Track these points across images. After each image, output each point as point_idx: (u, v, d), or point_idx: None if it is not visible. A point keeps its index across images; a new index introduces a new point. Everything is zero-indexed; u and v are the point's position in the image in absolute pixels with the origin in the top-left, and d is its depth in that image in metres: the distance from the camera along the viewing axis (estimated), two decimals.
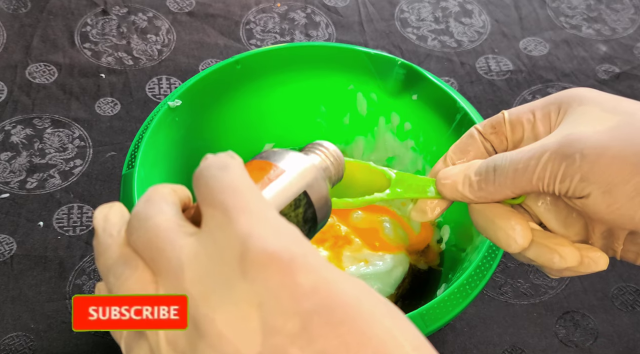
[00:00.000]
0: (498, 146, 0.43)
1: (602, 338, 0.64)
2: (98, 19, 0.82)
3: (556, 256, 0.40)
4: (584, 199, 0.38)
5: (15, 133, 0.72)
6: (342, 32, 0.85)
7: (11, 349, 0.59)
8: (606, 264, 0.40)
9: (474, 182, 0.41)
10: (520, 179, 0.39)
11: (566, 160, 0.38)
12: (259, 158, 0.38)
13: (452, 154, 0.44)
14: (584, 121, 0.39)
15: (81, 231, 0.67)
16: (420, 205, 0.44)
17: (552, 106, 0.41)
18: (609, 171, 0.37)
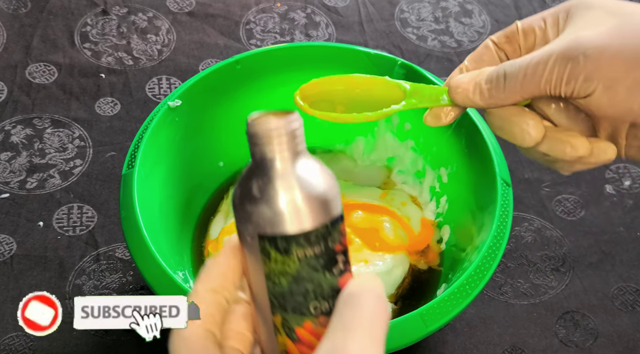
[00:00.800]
0: (511, 54, 0.46)
1: (602, 338, 0.64)
2: (98, 19, 0.82)
3: (568, 146, 0.42)
4: (588, 98, 0.40)
5: (15, 133, 0.72)
6: (342, 32, 0.85)
7: (11, 349, 0.59)
8: (614, 154, 0.43)
9: (485, 90, 0.43)
10: (529, 84, 0.41)
11: (571, 62, 0.40)
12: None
13: (467, 63, 0.46)
14: (588, 24, 0.41)
15: (81, 231, 0.67)
16: (435, 110, 0.46)
17: (561, 12, 0.44)
18: (609, 68, 0.39)
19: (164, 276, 0.51)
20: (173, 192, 0.62)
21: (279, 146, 0.35)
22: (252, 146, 0.36)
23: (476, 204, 0.60)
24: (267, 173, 0.36)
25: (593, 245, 0.69)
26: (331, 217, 0.35)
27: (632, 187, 0.74)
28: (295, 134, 0.36)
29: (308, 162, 0.36)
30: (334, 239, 0.36)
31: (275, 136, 0.35)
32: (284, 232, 0.35)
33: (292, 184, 0.35)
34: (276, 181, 0.35)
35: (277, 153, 0.35)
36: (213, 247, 0.62)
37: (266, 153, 0.35)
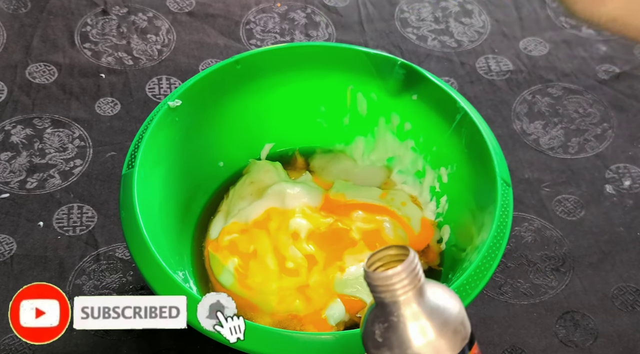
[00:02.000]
0: None
1: (602, 338, 0.64)
2: (98, 19, 0.82)
3: None
4: None
5: (15, 133, 0.72)
6: (342, 32, 0.85)
7: (11, 349, 0.59)
8: None
9: None
10: None
11: None
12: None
13: None
14: None
15: (81, 231, 0.67)
16: None
17: None
18: None
19: (164, 276, 0.51)
20: (173, 192, 0.62)
21: (400, 293, 0.35)
22: (373, 292, 0.36)
23: (476, 204, 0.60)
24: (381, 314, 0.36)
25: (593, 245, 0.69)
26: (459, 349, 0.35)
27: (632, 187, 0.74)
28: (414, 275, 0.35)
29: (428, 300, 0.35)
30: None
31: (393, 286, 0.35)
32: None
33: (408, 330, 0.35)
34: (391, 326, 0.35)
35: (392, 298, 0.35)
36: (213, 247, 0.62)
37: (382, 298, 0.35)
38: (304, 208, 0.63)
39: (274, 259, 0.60)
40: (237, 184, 0.67)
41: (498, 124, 0.77)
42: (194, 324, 0.48)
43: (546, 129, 0.77)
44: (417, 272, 0.36)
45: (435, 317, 0.35)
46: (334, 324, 0.59)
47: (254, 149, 0.70)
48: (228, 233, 0.62)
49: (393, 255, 0.36)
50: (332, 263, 0.60)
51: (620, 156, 0.76)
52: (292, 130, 0.70)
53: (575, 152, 0.76)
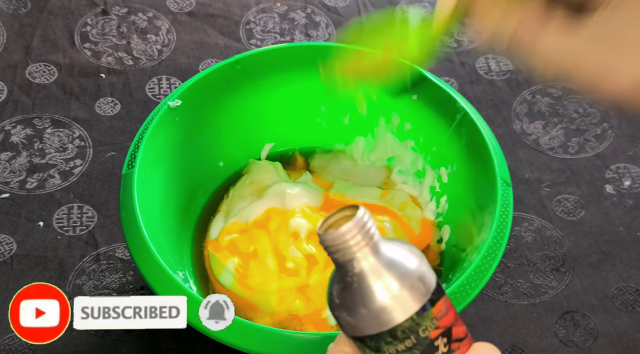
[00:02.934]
0: None
1: (602, 338, 0.64)
2: (98, 19, 0.82)
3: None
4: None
5: (15, 133, 0.72)
6: (342, 32, 0.85)
7: (11, 349, 0.59)
8: None
9: None
10: None
11: None
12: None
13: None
14: (630, 41, 0.33)
15: (81, 231, 0.67)
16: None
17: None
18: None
19: (164, 276, 0.51)
20: (173, 192, 0.62)
21: (344, 251, 0.35)
22: (329, 255, 0.36)
23: (476, 204, 0.60)
24: (338, 276, 0.36)
25: (593, 245, 0.69)
26: (416, 309, 0.34)
27: (632, 187, 0.74)
28: (364, 232, 0.35)
29: (383, 256, 0.35)
30: (425, 328, 0.35)
31: (338, 242, 0.35)
32: (367, 334, 0.35)
33: (362, 288, 0.35)
34: (346, 286, 0.35)
35: (344, 258, 0.35)
36: (213, 247, 0.62)
37: (336, 258, 0.35)
38: (304, 208, 0.63)
39: (274, 259, 0.60)
40: (237, 184, 0.67)
41: (498, 124, 0.77)
42: (194, 324, 0.48)
43: (546, 129, 0.77)
44: (368, 229, 0.35)
45: (388, 275, 0.35)
46: (334, 324, 0.59)
47: (254, 149, 0.70)
48: (228, 233, 0.62)
49: (346, 216, 0.36)
50: (332, 263, 0.60)
51: (620, 156, 0.76)
52: (292, 130, 0.70)
53: (575, 152, 0.76)
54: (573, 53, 0.33)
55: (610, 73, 0.32)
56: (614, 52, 0.32)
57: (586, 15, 0.33)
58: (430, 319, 0.35)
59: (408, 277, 0.35)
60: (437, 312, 0.35)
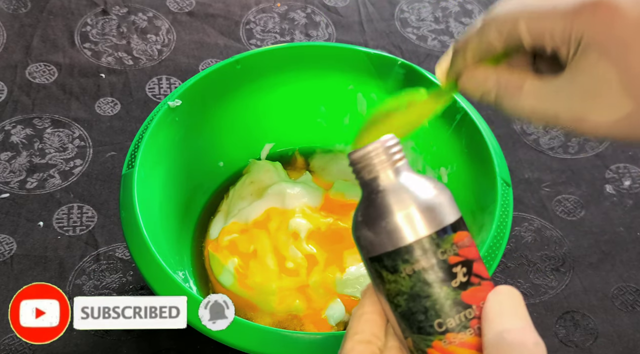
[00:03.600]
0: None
1: (602, 338, 0.64)
2: (98, 19, 0.82)
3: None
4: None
5: (15, 133, 0.72)
6: (342, 32, 0.85)
7: (11, 349, 0.59)
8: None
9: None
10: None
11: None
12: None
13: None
14: (594, 96, 0.36)
15: (81, 231, 0.67)
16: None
17: (571, 37, 0.37)
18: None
19: (164, 276, 0.51)
20: (173, 192, 0.62)
21: (370, 168, 0.36)
22: (356, 176, 0.37)
23: (476, 204, 0.60)
24: (363, 196, 0.37)
25: (593, 245, 0.69)
26: (435, 229, 0.35)
27: (632, 187, 0.74)
28: (389, 154, 0.36)
29: (407, 179, 0.36)
30: (444, 251, 0.35)
31: (364, 159, 0.36)
32: (385, 250, 0.35)
33: (384, 203, 0.36)
34: (370, 203, 0.36)
35: (370, 175, 0.36)
36: (213, 247, 0.62)
37: (362, 177, 0.37)
38: (304, 208, 0.63)
39: (274, 259, 0.60)
40: (237, 184, 0.67)
41: (498, 124, 0.77)
42: (194, 324, 0.48)
43: (546, 129, 0.77)
44: (394, 152, 0.37)
45: (410, 194, 0.35)
46: (334, 324, 0.59)
47: (254, 149, 0.70)
48: (228, 233, 0.62)
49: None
50: (332, 263, 0.60)
51: (620, 156, 0.76)
52: (292, 130, 0.70)
53: (575, 152, 0.76)
54: (550, 106, 0.37)
55: (587, 121, 0.36)
56: (586, 104, 0.36)
57: (557, 73, 0.37)
58: (451, 244, 0.35)
59: (430, 200, 0.35)
60: (459, 240, 0.35)
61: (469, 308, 0.35)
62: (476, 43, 0.40)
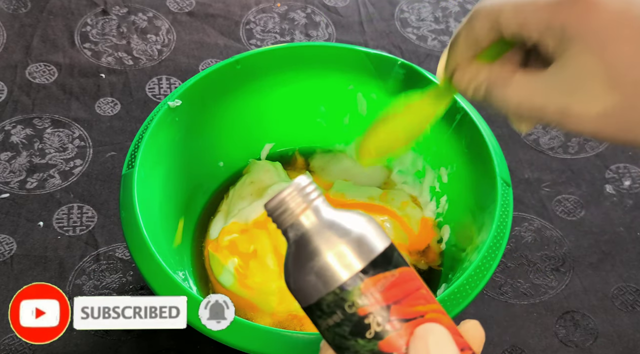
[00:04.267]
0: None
1: (602, 338, 0.64)
2: (98, 19, 0.82)
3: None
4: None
5: (15, 133, 0.72)
6: (342, 32, 0.85)
7: (11, 349, 0.59)
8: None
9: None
10: None
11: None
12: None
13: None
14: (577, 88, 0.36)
15: (81, 231, 0.67)
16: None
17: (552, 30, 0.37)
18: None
19: (164, 276, 0.51)
20: (173, 192, 0.62)
21: (282, 225, 0.35)
22: (276, 224, 0.36)
23: (476, 204, 0.60)
24: (289, 247, 0.36)
25: (593, 245, 0.69)
26: (337, 285, 0.33)
27: (632, 187, 0.74)
28: (296, 202, 0.35)
29: (315, 230, 0.35)
30: (351, 304, 0.33)
31: (277, 212, 0.35)
32: (302, 306, 0.35)
33: (295, 261, 0.35)
34: (287, 258, 0.35)
35: (283, 229, 0.36)
36: (213, 247, 0.62)
37: (281, 226, 0.36)
38: None
39: (274, 259, 0.60)
40: (237, 184, 0.67)
41: (498, 124, 0.77)
42: (194, 324, 0.48)
43: (546, 129, 0.77)
44: (307, 193, 0.35)
45: (313, 249, 0.34)
46: None
47: (254, 149, 0.70)
48: (228, 233, 0.62)
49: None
50: None
51: (620, 156, 0.76)
52: (292, 130, 0.70)
53: (575, 152, 0.76)
54: (536, 99, 0.37)
55: (572, 115, 0.36)
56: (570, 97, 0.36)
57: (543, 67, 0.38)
58: (359, 295, 0.33)
59: (333, 250, 0.34)
60: (370, 286, 0.33)
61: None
62: (464, 36, 0.40)
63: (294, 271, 0.35)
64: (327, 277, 0.34)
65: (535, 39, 0.37)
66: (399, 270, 0.34)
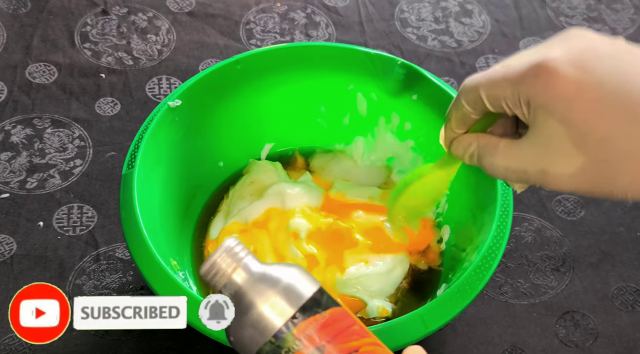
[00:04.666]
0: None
1: (602, 338, 0.64)
2: (98, 19, 0.82)
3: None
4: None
5: (15, 133, 0.72)
6: (342, 32, 0.85)
7: (11, 349, 0.59)
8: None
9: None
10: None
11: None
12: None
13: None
14: (550, 152, 0.39)
15: (81, 231, 0.67)
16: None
17: (521, 101, 0.40)
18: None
19: (164, 276, 0.51)
20: (173, 192, 0.62)
21: (217, 287, 0.39)
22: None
23: (476, 204, 0.60)
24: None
25: (593, 245, 0.69)
26: (269, 336, 0.36)
27: None
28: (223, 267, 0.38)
29: (246, 286, 0.38)
30: (287, 350, 0.36)
31: (213, 277, 0.39)
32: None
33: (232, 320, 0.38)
34: (225, 309, 0.40)
35: (218, 290, 0.39)
36: (213, 247, 0.62)
37: (216, 288, 0.40)
38: (304, 208, 0.63)
39: (274, 259, 0.60)
40: (237, 184, 0.67)
41: None
42: (194, 324, 0.48)
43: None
44: (235, 253, 0.39)
45: (237, 311, 0.37)
46: None
47: (254, 149, 0.70)
48: (228, 233, 0.62)
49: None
50: (332, 263, 0.60)
51: None
52: (292, 130, 0.70)
53: None
54: (519, 164, 0.41)
55: (550, 177, 0.39)
56: (546, 161, 0.39)
57: (522, 135, 0.41)
58: (292, 341, 0.36)
59: (265, 301, 0.37)
60: (301, 332, 0.36)
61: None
62: (454, 113, 0.44)
63: (232, 327, 0.37)
64: (262, 327, 0.36)
65: (510, 110, 0.41)
66: (329, 311, 0.37)
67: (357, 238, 0.62)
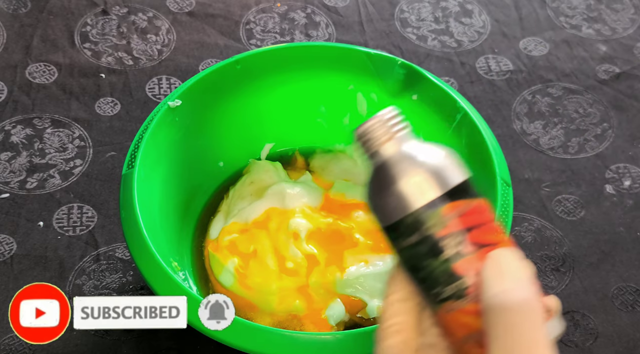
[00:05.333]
0: None
1: (602, 338, 0.64)
2: (98, 19, 0.83)
3: None
4: None
5: (15, 133, 0.72)
6: (342, 32, 0.85)
7: (11, 349, 0.59)
8: None
9: None
10: None
11: None
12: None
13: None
14: None
15: (81, 231, 0.67)
16: None
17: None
18: None
19: (164, 276, 0.51)
20: (173, 192, 0.62)
21: (375, 144, 0.38)
22: (361, 152, 0.39)
23: None
24: (371, 169, 0.38)
25: (593, 245, 0.69)
26: (418, 206, 0.35)
27: (632, 187, 0.74)
28: (385, 129, 0.38)
29: (400, 156, 0.37)
30: (430, 226, 0.35)
31: (368, 137, 0.39)
32: (381, 225, 0.37)
33: (380, 181, 0.37)
34: (373, 177, 0.38)
35: (374, 149, 0.38)
36: (213, 247, 0.62)
37: (367, 151, 0.39)
38: (304, 208, 0.63)
39: (274, 259, 0.60)
40: (237, 184, 0.67)
41: (498, 124, 0.77)
42: (194, 324, 0.48)
43: (546, 129, 0.77)
44: (392, 125, 0.38)
45: (399, 170, 0.36)
46: (334, 324, 0.59)
47: (254, 149, 0.70)
48: (228, 233, 0.62)
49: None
50: (332, 263, 0.60)
51: (620, 156, 0.76)
52: (292, 130, 0.70)
53: (575, 152, 0.76)
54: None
55: None
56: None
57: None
58: (439, 217, 0.35)
59: (417, 173, 0.36)
60: (450, 210, 0.35)
61: (461, 278, 0.35)
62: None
63: (377, 192, 0.36)
64: (408, 199, 0.36)
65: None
66: (476, 200, 0.36)
67: (357, 238, 0.62)
